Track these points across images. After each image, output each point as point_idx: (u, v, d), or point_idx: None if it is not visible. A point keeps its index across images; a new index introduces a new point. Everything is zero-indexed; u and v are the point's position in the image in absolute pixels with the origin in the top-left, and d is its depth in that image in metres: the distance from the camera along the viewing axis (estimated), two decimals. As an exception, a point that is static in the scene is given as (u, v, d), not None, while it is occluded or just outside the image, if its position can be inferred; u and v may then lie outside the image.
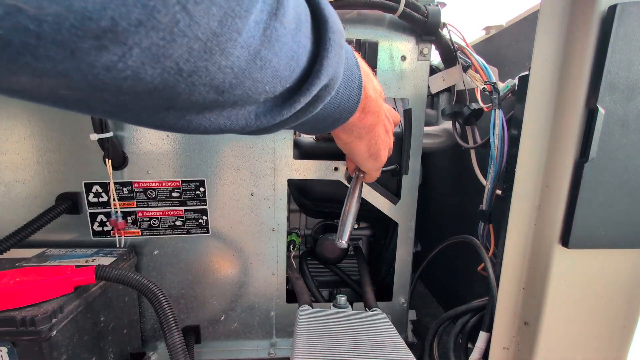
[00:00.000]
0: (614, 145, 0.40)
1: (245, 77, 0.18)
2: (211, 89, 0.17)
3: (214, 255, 0.70)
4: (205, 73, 0.16)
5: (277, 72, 0.20)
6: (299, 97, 0.23)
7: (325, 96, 0.25)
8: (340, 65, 0.25)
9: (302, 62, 0.22)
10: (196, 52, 0.15)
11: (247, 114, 0.21)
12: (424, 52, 0.66)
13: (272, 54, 0.19)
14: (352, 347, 0.48)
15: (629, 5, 0.37)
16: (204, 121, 0.20)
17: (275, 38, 0.19)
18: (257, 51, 0.18)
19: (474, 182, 0.65)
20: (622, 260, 0.45)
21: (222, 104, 0.19)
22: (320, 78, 0.23)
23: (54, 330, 0.45)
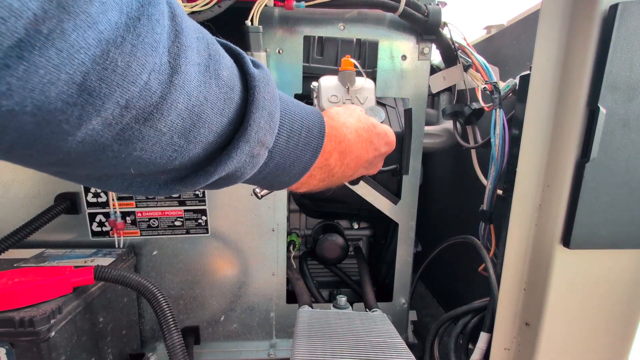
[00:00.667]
0: (615, 145, 0.40)
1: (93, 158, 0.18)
2: (50, 165, 0.18)
3: (213, 255, 0.70)
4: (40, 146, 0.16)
5: (142, 159, 0.19)
6: (180, 185, 0.23)
7: (224, 184, 0.25)
8: (246, 168, 0.24)
9: (194, 154, 0.21)
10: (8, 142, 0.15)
11: (120, 183, 0.21)
12: (424, 51, 0.66)
13: (132, 149, 0.18)
14: (353, 348, 0.48)
15: (630, 4, 0.36)
16: (112, 187, 0.21)
17: (136, 138, 0.18)
18: (104, 146, 0.17)
19: (475, 182, 0.65)
20: (624, 260, 0.45)
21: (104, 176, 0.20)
22: (207, 175, 0.22)
23: (53, 331, 0.44)
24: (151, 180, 0.22)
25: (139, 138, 0.18)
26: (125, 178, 0.21)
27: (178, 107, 0.18)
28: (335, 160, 0.33)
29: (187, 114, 0.19)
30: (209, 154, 0.22)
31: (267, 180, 0.29)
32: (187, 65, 0.18)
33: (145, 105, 0.17)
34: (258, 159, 0.24)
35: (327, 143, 0.30)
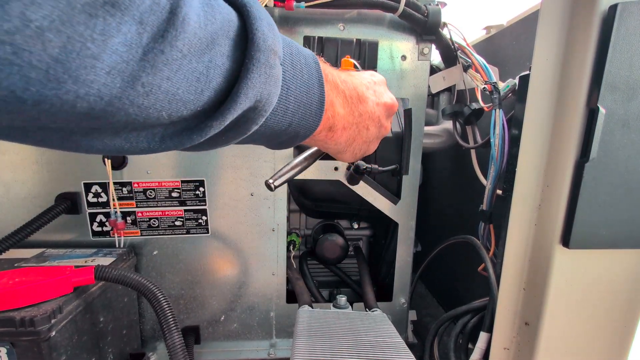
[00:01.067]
0: (614, 145, 0.40)
1: (125, 103, 0.17)
2: (78, 116, 0.16)
3: (213, 255, 0.70)
4: (58, 101, 0.15)
5: (175, 96, 0.18)
6: (211, 121, 0.21)
7: (256, 118, 0.23)
8: (269, 85, 0.23)
9: (216, 84, 0.20)
10: (36, 80, 0.14)
11: (151, 136, 0.20)
12: (424, 51, 0.66)
13: (160, 78, 0.17)
14: (352, 347, 0.48)
15: (630, 4, 0.36)
16: (96, 143, 0.19)
17: (161, 62, 0.17)
18: (134, 76, 0.16)
19: (475, 182, 0.65)
20: (623, 260, 0.45)
21: (106, 129, 0.18)
22: (238, 102, 0.21)
23: (53, 331, 0.45)
24: (184, 126, 0.21)
25: (163, 62, 0.17)
26: (156, 131, 0.20)
27: (190, 24, 0.18)
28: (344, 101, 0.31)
29: (200, 32, 0.18)
30: (229, 82, 0.21)
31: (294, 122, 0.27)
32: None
33: (158, 21, 0.16)
34: (275, 71, 0.23)
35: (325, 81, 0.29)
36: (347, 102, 0.31)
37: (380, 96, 0.36)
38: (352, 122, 0.32)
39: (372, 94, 0.34)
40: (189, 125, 0.21)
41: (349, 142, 0.34)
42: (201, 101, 0.20)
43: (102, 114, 0.16)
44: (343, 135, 0.32)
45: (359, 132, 0.34)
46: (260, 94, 0.22)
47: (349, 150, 0.35)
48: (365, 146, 0.36)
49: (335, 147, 0.34)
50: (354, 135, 0.33)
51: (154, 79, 0.17)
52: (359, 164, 0.64)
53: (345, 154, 0.36)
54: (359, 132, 0.34)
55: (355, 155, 0.37)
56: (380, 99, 0.35)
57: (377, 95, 0.35)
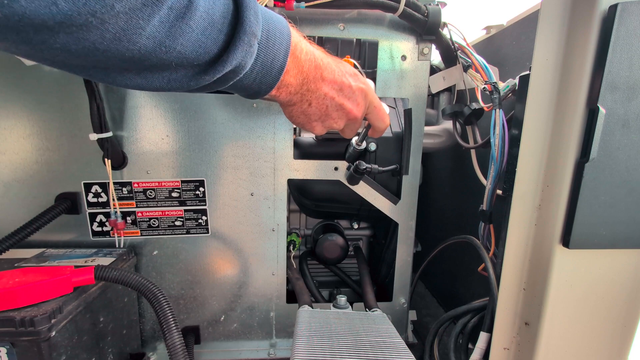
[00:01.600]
0: (614, 145, 0.40)
1: (152, 55, 0.26)
2: (122, 60, 0.26)
3: (213, 255, 0.70)
4: (116, 51, 0.25)
5: (182, 54, 0.28)
6: (205, 75, 0.31)
7: (233, 77, 0.33)
8: (247, 57, 0.32)
9: (212, 50, 0.29)
10: (108, 39, 0.23)
11: (161, 78, 0.29)
12: (424, 51, 0.66)
13: (177, 43, 0.27)
14: (352, 347, 0.48)
15: (630, 4, 0.36)
16: (125, 80, 0.28)
17: (180, 33, 0.26)
18: (161, 41, 0.26)
19: (475, 182, 0.65)
20: (623, 260, 0.45)
21: (138, 68, 0.28)
22: (224, 65, 0.30)
23: (53, 331, 0.45)
24: (184, 74, 0.30)
25: (180, 34, 0.26)
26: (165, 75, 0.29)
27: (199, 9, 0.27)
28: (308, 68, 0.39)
29: (205, 15, 0.28)
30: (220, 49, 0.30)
31: (257, 81, 0.36)
32: None
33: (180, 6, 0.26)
34: (253, 49, 0.32)
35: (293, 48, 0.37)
36: (300, 75, 0.39)
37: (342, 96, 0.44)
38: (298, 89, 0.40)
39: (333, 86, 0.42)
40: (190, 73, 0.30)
41: (288, 103, 0.42)
42: (199, 60, 0.29)
43: (139, 59, 0.26)
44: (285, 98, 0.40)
45: (301, 103, 0.42)
46: (239, 63, 0.31)
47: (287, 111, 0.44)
48: (303, 117, 0.44)
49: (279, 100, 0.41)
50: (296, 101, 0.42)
51: (172, 44, 0.27)
52: (359, 164, 0.64)
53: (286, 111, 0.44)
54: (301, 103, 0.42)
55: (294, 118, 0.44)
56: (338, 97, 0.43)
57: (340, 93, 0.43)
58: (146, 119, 0.63)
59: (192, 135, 0.65)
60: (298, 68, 0.38)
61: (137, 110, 0.63)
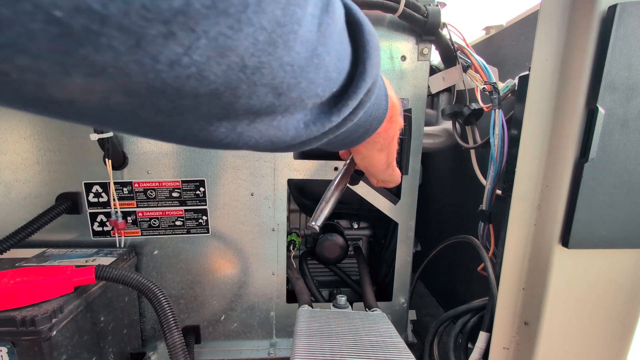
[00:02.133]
0: (614, 145, 0.40)
1: (303, 76, 0.17)
2: (270, 90, 0.16)
3: (214, 255, 0.70)
4: (268, 70, 0.15)
5: (328, 73, 0.19)
6: (347, 101, 0.22)
7: (367, 101, 0.24)
8: (379, 68, 0.24)
9: (346, 65, 0.21)
10: (261, 44, 0.14)
11: (297, 122, 0.20)
12: (424, 52, 0.66)
13: (326, 52, 0.18)
14: (352, 347, 0.48)
15: (629, 5, 0.37)
16: (255, 133, 0.19)
17: (328, 34, 0.18)
18: (314, 47, 0.17)
19: (474, 182, 0.65)
20: (623, 260, 0.45)
21: (275, 110, 0.18)
22: (366, 80, 0.22)
23: (54, 330, 0.45)
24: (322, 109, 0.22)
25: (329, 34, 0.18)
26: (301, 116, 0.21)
27: (336, 3, 0.19)
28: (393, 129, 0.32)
29: (339, 13, 0.19)
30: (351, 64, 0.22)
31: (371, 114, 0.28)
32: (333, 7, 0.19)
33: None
34: (379, 56, 0.24)
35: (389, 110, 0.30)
36: (396, 97, 0.32)
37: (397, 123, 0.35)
38: (398, 117, 0.32)
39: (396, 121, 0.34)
40: (326, 107, 0.21)
41: (392, 139, 0.34)
42: (339, 81, 0.21)
43: (286, 89, 0.17)
44: (393, 130, 0.33)
45: (398, 132, 0.34)
46: (376, 75, 0.23)
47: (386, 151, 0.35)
48: (392, 157, 0.37)
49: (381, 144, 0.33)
50: (396, 132, 0.34)
51: (323, 51, 0.18)
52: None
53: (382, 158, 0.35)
54: (397, 133, 0.34)
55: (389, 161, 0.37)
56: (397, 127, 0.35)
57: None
58: (146, 119, 0.63)
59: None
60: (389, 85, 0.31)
61: (138, 111, 0.63)
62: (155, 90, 0.13)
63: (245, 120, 0.18)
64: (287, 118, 0.19)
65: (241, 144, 0.19)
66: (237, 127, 0.18)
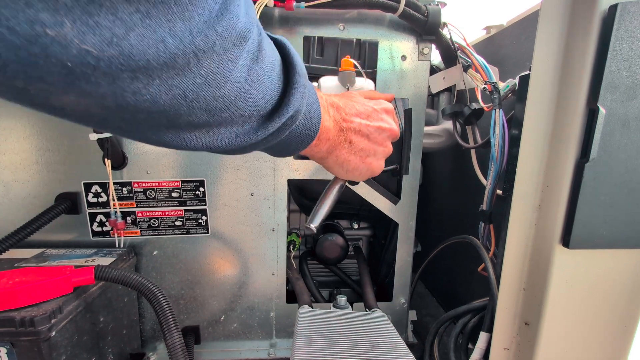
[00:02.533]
0: (614, 145, 0.40)
1: (232, 105, 0.24)
2: (205, 112, 0.23)
3: (213, 255, 0.70)
4: (203, 100, 0.22)
5: (255, 102, 0.26)
6: (272, 122, 0.29)
7: (291, 124, 0.31)
8: (303, 101, 0.31)
9: (274, 96, 0.28)
10: (198, 84, 0.21)
11: (229, 134, 0.27)
12: (424, 51, 0.66)
13: (253, 89, 0.25)
14: (352, 347, 0.48)
15: (630, 4, 0.36)
16: (194, 139, 0.25)
17: (256, 77, 0.25)
18: (242, 87, 0.24)
19: (475, 182, 0.65)
20: (623, 260, 0.45)
21: (210, 125, 0.25)
22: (288, 109, 0.29)
23: (53, 331, 0.45)
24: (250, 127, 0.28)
25: (256, 78, 0.25)
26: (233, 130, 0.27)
27: (267, 53, 0.26)
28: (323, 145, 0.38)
29: (269, 60, 0.27)
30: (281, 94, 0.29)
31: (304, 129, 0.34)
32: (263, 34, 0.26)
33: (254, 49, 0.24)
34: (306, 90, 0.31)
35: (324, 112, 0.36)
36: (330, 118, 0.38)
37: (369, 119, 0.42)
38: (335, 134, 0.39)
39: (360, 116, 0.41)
40: (255, 125, 0.28)
41: (331, 152, 0.40)
42: (266, 108, 0.28)
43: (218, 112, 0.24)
44: (323, 146, 0.39)
45: (341, 146, 0.40)
46: (298, 106, 0.30)
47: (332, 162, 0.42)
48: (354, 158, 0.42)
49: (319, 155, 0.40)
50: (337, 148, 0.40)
51: (250, 89, 0.25)
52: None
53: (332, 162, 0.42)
54: (341, 146, 0.40)
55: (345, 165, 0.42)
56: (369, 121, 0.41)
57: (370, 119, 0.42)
58: (146, 119, 0.63)
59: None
60: (326, 112, 0.37)
61: (137, 110, 0.63)
62: (121, 107, 0.19)
63: (186, 130, 0.24)
64: (221, 130, 0.26)
65: (184, 146, 0.25)
66: (180, 134, 0.24)
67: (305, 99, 0.32)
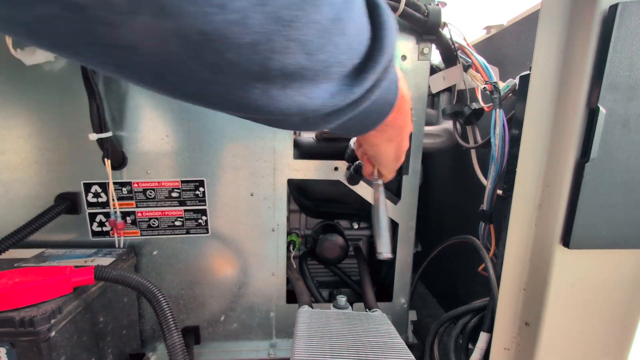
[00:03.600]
0: (615, 145, 0.40)
1: (328, 39, 0.19)
2: (301, 48, 0.18)
3: (213, 255, 0.70)
4: (298, 25, 0.17)
5: (350, 42, 0.21)
6: (367, 74, 0.23)
7: (383, 79, 0.25)
8: (395, 48, 0.25)
9: (366, 38, 0.23)
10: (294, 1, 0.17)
11: (323, 91, 0.22)
12: (424, 51, 0.66)
13: (349, 19, 0.20)
14: (352, 348, 0.48)
15: (630, 4, 0.36)
16: (285, 98, 0.21)
17: (350, 4, 0.20)
18: (338, 12, 0.19)
19: (475, 182, 0.65)
20: (623, 260, 0.45)
21: (304, 76, 0.20)
22: (384, 55, 0.23)
23: (53, 331, 0.45)
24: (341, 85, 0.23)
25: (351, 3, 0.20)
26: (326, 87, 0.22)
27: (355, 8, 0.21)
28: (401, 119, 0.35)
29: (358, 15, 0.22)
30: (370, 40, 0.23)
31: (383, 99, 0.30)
32: None
33: None
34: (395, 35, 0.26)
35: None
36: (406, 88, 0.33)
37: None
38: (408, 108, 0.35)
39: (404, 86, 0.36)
40: (348, 79, 0.23)
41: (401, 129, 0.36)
42: (360, 52, 0.23)
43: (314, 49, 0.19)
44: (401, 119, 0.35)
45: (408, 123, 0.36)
46: (392, 53, 0.25)
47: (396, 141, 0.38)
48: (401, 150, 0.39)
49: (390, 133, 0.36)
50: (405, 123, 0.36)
51: (346, 17, 0.20)
52: (359, 164, 0.64)
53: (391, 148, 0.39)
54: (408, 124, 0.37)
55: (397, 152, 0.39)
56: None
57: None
58: (146, 119, 0.63)
59: (192, 135, 0.65)
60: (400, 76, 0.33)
61: (137, 111, 0.63)
62: (205, 36, 0.15)
63: (277, 84, 0.20)
64: (315, 86, 0.21)
65: (272, 107, 0.21)
66: (270, 90, 0.20)
67: (393, 59, 0.26)
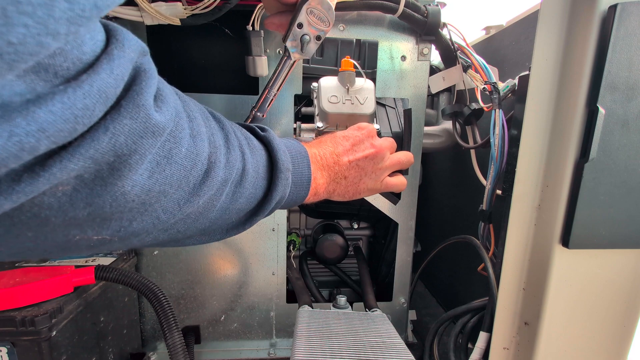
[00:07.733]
0: (614, 145, 0.40)
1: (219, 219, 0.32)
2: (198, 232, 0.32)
3: (214, 255, 0.70)
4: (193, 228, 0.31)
5: (240, 210, 0.33)
6: (257, 217, 0.36)
7: (277, 207, 0.38)
8: (286, 189, 0.37)
9: (259, 196, 0.35)
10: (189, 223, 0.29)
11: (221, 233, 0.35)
12: (424, 52, 0.66)
13: (236, 204, 0.32)
14: (352, 347, 0.48)
15: (629, 5, 0.37)
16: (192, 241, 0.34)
17: (239, 195, 0.32)
18: (226, 208, 0.31)
19: (474, 182, 0.65)
20: (623, 260, 0.45)
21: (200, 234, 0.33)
22: (270, 203, 0.35)
23: (54, 331, 0.45)
24: (238, 222, 0.35)
25: (239, 196, 0.32)
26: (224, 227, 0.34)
27: (249, 170, 0.32)
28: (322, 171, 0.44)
29: (253, 172, 0.33)
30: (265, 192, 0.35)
31: (293, 198, 0.40)
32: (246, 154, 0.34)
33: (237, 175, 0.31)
34: (289, 181, 0.38)
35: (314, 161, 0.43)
36: (324, 169, 0.44)
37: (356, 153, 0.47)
38: (330, 180, 0.45)
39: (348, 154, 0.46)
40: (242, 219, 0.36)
41: (330, 193, 0.46)
42: (251, 207, 0.35)
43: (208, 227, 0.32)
44: (324, 193, 0.45)
45: (338, 183, 0.46)
46: (281, 195, 0.37)
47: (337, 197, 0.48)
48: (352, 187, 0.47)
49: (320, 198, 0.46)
50: (334, 187, 0.46)
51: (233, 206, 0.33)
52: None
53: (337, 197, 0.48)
54: (338, 184, 0.46)
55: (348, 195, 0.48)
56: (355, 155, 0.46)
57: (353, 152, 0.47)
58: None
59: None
60: (320, 168, 0.43)
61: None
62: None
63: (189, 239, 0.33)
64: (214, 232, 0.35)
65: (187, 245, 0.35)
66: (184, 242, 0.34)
67: (288, 185, 0.37)
